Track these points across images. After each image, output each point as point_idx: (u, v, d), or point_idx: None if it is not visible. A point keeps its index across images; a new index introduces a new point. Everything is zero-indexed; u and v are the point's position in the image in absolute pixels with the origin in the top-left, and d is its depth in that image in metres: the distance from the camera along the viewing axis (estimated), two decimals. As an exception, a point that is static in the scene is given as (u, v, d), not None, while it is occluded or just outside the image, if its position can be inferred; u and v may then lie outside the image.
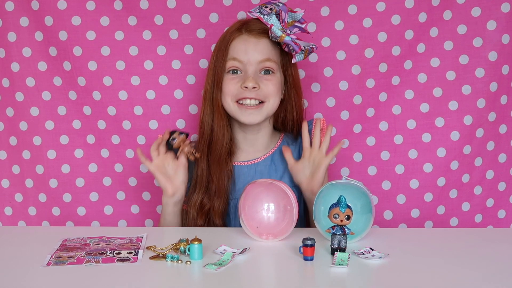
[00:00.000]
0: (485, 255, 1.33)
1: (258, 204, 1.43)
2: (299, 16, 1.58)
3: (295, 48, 1.57)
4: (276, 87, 1.61)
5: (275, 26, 1.57)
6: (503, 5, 1.78)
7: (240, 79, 1.60)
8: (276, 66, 1.62)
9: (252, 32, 1.60)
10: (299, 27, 1.60)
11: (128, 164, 1.88)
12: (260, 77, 1.60)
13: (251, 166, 1.67)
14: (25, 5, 1.82)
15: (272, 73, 1.61)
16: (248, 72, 1.59)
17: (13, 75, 1.85)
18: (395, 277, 1.23)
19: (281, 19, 1.57)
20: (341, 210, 1.31)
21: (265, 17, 1.58)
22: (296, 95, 1.67)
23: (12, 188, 1.90)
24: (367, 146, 1.86)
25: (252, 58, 1.59)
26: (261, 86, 1.59)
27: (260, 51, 1.60)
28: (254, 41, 1.60)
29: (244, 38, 1.60)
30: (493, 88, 1.81)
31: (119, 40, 1.83)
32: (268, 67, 1.60)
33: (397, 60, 1.82)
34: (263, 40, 1.60)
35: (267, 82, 1.60)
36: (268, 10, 1.58)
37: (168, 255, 1.31)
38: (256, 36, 1.60)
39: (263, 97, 1.61)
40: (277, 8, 1.57)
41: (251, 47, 1.60)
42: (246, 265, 1.29)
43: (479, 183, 1.87)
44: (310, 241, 1.29)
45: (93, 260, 1.29)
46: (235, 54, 1.60)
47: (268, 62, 1.60)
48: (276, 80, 1.62)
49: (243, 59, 1.59)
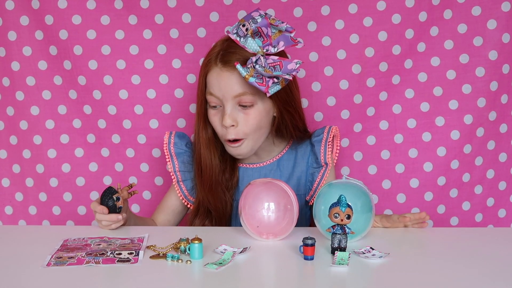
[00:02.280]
0: (486, 255, 1.33)
1: (258, 204, 1.43)
2: (284, 28, 1.48)
3: (261, 89, 1.46)
4: (256, 120, 1.54)
5: (241, 62, 1.46)
6: (503, 4, 1.78)
7: (221, 114, 1.54)
8: (253, 98, 1.52)
9: (226, 65, 1.51)
10: (287, 37, 1.50)
11: (128, 163, 1.89)
12: (239, 110, 1.53)
13: (256, 169, 1.66)
14: (26, 4, 1.82)
15: (250, 106, 1.53)
16: (225, 107, 1.52)
17: (13, 74, 1.85)
18: (395, 276, 1.23)
19: (264, 35, 1.48)
20: (342, 210, 1.31)
21: (241, 40, 1.49)
22: (287, 113, 1.58)
23: (12, 187, 1.90)
24: (367, 145, 1.86)
25: (226, 94, 1.51)
26: (239, 123, 1.53)
27: (234, 85, 1.50)
28: (227, 75, 1.51)
29: (217, 72, 1.52)
30: (493, 87, 1.81)
31: (119, 39, 1.83)
32: (243, 103, 1.52)
33: (398, 59, 1.82)
34: (236, 74, 1.49)
35: (246, 117, 1.53)
36: (244, 30, 1.48)
37: (168, 255, 1.31)
38: (229, 70, 1.50)
39: (243, 135, 1.54)
40: (253, 26, 1.47)
41: (224, 82, 1.51)
42: (246, 265, 1.29)
43: (480, 182, 1.87)
44: (310, 240, 1.29)
45: (93, 261, 1.29)
46: (211, 89, 1.53)
47: (243, 97, 1.51)
48: (256, 113, 1.53)
49: (218, 95, 1.52)
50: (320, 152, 1.63)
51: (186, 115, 1.86)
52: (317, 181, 1.64)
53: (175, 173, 1.66)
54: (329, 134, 1.64)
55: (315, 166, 1.65)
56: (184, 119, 1.86)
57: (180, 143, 1.67)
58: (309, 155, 1.66)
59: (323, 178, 1.64)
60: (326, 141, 1.63)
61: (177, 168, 1.66)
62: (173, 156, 1.66)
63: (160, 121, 1.86)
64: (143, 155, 1.87)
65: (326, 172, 1.64)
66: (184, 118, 1.86)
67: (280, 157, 1.66)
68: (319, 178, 1.64)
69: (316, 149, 1.64)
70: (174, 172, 1.66)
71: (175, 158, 1.66)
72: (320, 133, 1.65)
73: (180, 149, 1.67)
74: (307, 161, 1.66)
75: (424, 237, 1.48)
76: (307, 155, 1.66)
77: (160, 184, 1.88)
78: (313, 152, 1.65)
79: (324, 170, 1.64)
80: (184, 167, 1.66)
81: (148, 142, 1.86)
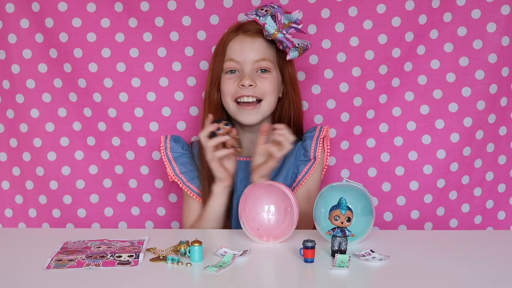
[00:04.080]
0: (485, 257, 1.33)
1: (258, 206, 1.43)
2: (295, 17, 1.62)
3: (288, 44, 1.61)
4: (272, 85, 1.65)
5: (268, 25, 1.60)
6: (503, 7, 1.79)
7: (237, 78, 1.64)
8: (272, 65, 1.65)
9: (248, 32, 1.65)
10: (295, 27, 1.63)
11: (128, 166, 1.88)
12: (257, 75, 1.64)
13: (249, 163, 1.67)
14: (26, 7, 1.82)
15: (268, 72, 1.65)
16: (245, 71, 1.64)
17: (13, 77, 1.85)
18: (395, 279, 1.23)
19: (277, 21, 1.61)
20: (342, 212, 1.32)
21: (260, 19, 1.62)
22: (293, 93, 1.70)
23: (12, 190, 1.90)
24: (367, 148, 1.86)
25: (247, 57, 1.63)
26: (257, 84, 1.63)
27: (256, 51, 1.64)
28: (250, 41, 1.64)
29: (240, 39, 1.65)
30: (493, 90, 1.82)
31: (119, 42, 1.83)
32: (263, 67, 1.64)
33: (397, 62, 1.82)
34: (258, 40, 1.64)
35: (263, 80, 1.64)
36: (263, 12, 1.62)
37: (168, 257, 1.31)
38: (251, 36, 1.64)
39: (260, 95, 1.64)
40: (272, 10, 1.62)
41: (247, 47, 1.64)
42: (246, 267, 1.29)
43: (479, 184, 1.87)
44: (310, 243, 1.29)
45: (93, 264, 1.29)
46: (232, 55, 1.65)
47: (263, 62, 1.64)
48: (272, 79, 1.65)
49: (239, 59, 1.64)
50: (311, 146, 1.67)
51: (186, 118, 1.86)
52: (302, 173, 1.67)
53: (178, 176, 1.67)
54: (321, 133, 1.68)
55: (302, 159, 1.68)
56: (184, 122, 1.86)
57: (176, 146, 1.70)
58: (298, 149, 1.68)
59: (308, 172, 1.66)
60: (317, 138, 1.68)
61: (177, 171, 1.67)
62: (172, 160, 1.69)
63: (160, 124, 1.86)
64: (143, 158, 1.87)
65: (313, 166, 1.66)
66: (184, 121, 1.86)
67: None
68: (304, 171, 1.66)
69: (307, 143, 1.68)
70: (176, 175, 1.67)
71: (174, 163, 1.69)
72: (312, 131, 1.70)
73: (177, 152, 1.70)
74: (296, 155, 1.68)
75: (424, 240, 1.48)
76: (296, 149, 1.68)
77: (160, 187, 1.88)
78: (302, 146, 1.68)
79: (311, 164, 1.66)
80: (185, 168, 1.68)
81: (148, 145, 1.86)
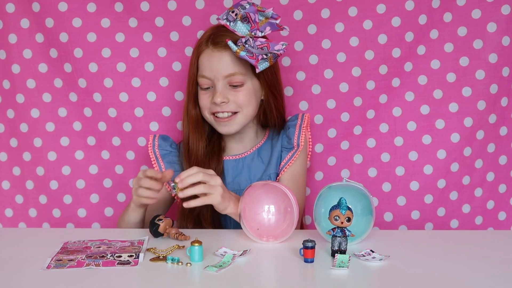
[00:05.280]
0: (486, 257, 1.33)
1: (258, 206, 1.43)
2: (270, 13, 1.59)
3: (252, 62, 1.56)
4: (247, 97, 1.63)
5: (237, 31, 1.58)
6: (503, 7, 1.78)
7: (211, 94, 1.63)
8: (243, 78, 1.62)
9: (217, 46, 1.60)
10: (273, 23, 1.60)
11: (128, 165, 1.88)
12: (229, 89, 1.62)
13: (239, 160, 1.69)
14: (26, 7, 1.82)
15: (240, 86, 1.62)
16: (217, 87, 1.61)
17: (13, 76, 1.85)
18: (395, 279, 1.23)
19: (251, 21, 1.58)
20: (342, 212, 1.31)
21: (230, 24, 1.59)
22: (272, 97, 1.68)
23: (12, 189, 1.90)
24: (367, 148, 1.86)
25: (217, 74, 1.60)
26: (230, 99, 1.61)
27: (225, 66, 1.60)
28: (218, 55, 1.60)
29: (209, 53, 1.61)
30: (493, 90, 1.81)
31: (119, 42, 1.83)
32: (234, 82, 1.61)
33: (397, 62, 1.82)
34: (227, 54, 1.60)
35: (236, 93, 1.62)
36: (233, 15, 1.59)
37: (168, 257, 1.31)
38: (220, 50, 1.60)
39: (235, 108, 1.63)
40: (243, 12, 1.58)
41: (215, 62, 1.60)
42: (246, 267, 1.29)
43: (480, 185, 1.86)
44: (310, 243, 1.29)
45: (93, 263, 1.29)
46: (203, 71, 1.62)
47: (234, 77, 1.61)
48: (246, 91, 1.63)
49: (209, 76, 1.62)
50: (294, 134, 1.69)
51: (186, 118, 1.86)
52: (284, 160, 1.68)
53: None
54: (303, 120, 1.71)
55: (286, 146, 1.69)
56: (184, 122, 1.86)
57: (164, 144, 1.73)
58: (281, 138, 1.70)
59: (291, 159, 1.67)
60: (300, 126, 1.70)
61: (163, 169, 1.69)
62: (159, 158, 1.71)
63: (160, 123, 1.86)
64: (143, 158, 1.87)
65: (296, 154, 1.67)
66: (184, 120, 1.86)
67: (259, 146, 1.72)
68: (287, 158, 1.68)
69: (290, 131, 1.70)
70: None
71: (161, 160, 1.71)
72: (294, 119, 1.72)
73: (165, 150, 1.72)
74: (281, 143, 1.70)
75: (424, 240, 1.48)
76: (281, 138, 1.71)
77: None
78: (286, 135, 1.70)
79: (293, 152, 1.68)
80: (171, 167, 1.69)
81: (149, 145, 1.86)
